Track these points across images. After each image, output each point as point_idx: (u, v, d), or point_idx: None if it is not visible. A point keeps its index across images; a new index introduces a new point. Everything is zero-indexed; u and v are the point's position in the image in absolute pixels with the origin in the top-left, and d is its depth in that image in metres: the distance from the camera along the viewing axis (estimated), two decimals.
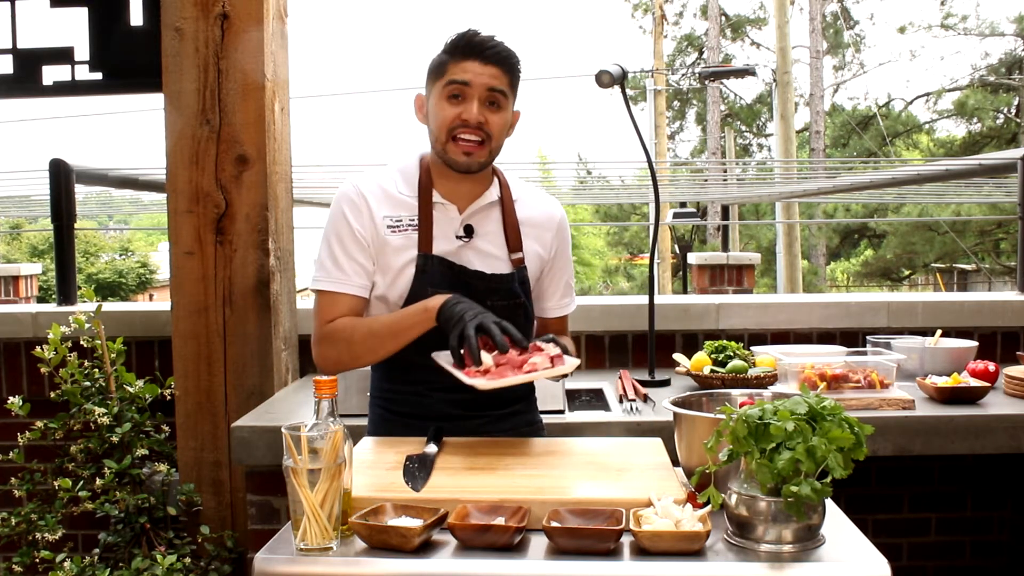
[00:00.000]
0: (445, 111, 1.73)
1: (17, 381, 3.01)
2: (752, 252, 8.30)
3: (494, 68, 1.73)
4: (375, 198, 1.80)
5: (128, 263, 18.92)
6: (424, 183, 1.81)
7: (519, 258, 1.83)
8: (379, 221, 1.78)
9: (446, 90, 1.73)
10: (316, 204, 6.99)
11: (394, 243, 1.77)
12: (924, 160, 10.42)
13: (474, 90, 1.71)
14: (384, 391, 1.89)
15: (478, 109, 1.72)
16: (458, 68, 1.72)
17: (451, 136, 1.73)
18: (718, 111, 20.58)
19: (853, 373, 2.32)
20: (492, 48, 1.72)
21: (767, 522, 1.22)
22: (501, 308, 1.77)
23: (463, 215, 1.80)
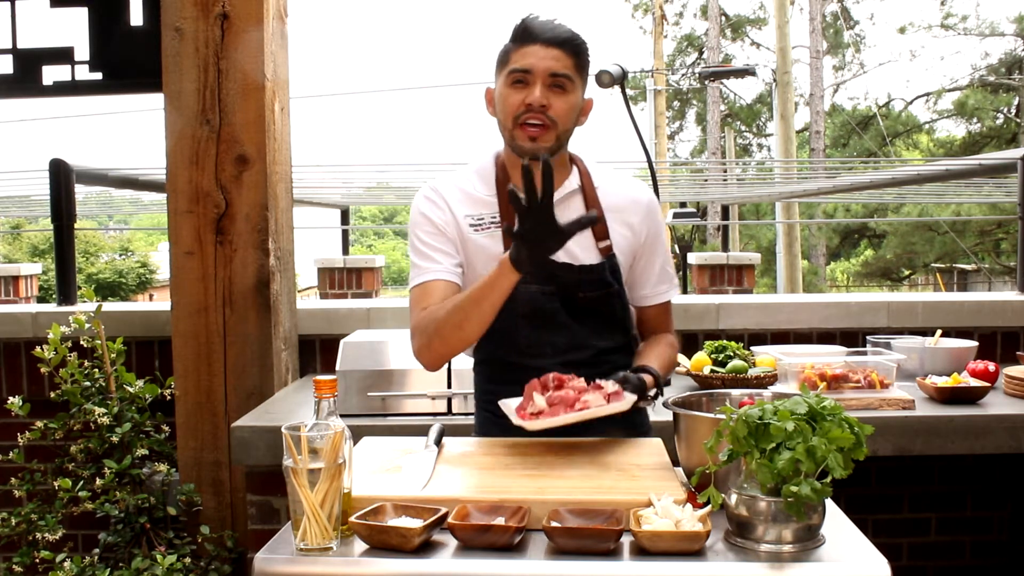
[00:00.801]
0: (510, 98, 1.71)
1: (17, 381, 3.01)
2: (752, 252, 8.30)
3: (556, 50, 1.69)
4: (454, 198, 1.78)
5: (128, 263, 18.92)
6: (501, 179, 1.79)
7: (607, 246, 1.78)
8: (461, 220, 1.77)
9: (509, 77, 1.71)
10: (316, 204, 7.00)
11: (478, 242, 1.76)
12: (924, 160, 10.43)
13: (536, 75, 1.69)
14: (486, 393, 1.86)
15: (541, 92, 1.68)
16: (519, 54, 1.70)
17: (517, 123, 1.70)
18: (718, 111, 20.58)
19: (853, 373, 2.32)
20: (552, 31, 1.70)
21: (767, 522, 1.22)
22: (594, 299, 1.75)
23: None
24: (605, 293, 1.77)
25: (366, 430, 2.07)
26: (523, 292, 1.72)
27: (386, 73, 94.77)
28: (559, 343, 1.76)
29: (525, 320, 1.74)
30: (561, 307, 1.76)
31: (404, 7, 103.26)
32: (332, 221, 7.42)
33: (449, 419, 2.32)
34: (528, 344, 1.75)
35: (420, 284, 1.75)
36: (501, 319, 1.72)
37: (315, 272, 6.88)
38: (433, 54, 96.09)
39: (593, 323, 1.79)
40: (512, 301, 1.71)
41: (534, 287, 1.74)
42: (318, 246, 7.80)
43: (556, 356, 1.75)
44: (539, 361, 1.75)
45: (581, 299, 1.75)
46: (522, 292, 1.72)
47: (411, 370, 2.39)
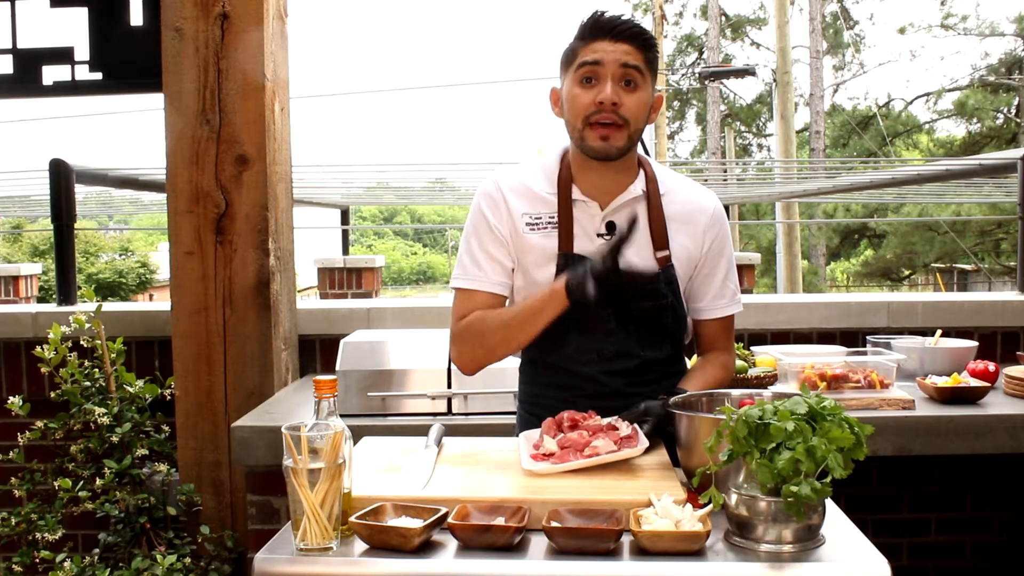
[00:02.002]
0: (579, 97, 1.66)
1: (17, 381, 3.01)
2: (752, 252, 8.30)
3: (626, 44, 1.65)
4: (515, 194, 1.76)
5: (128, 263, 18.91)
6: (564, 179, 1.74)
7: (665, 256, 1.74)
8: (517, 218, 1.74)
9: (578, 74, 1.66)
10: (316, 204, 7.00)
11: (532, 241, 1.73)
12: (924, 160, 10.42)
13: (607, 69, 1.64)
14: (530, 394, 1.86)
15: (612, 89, 1.63)
16: (588, 50, 1.66)
17: (588, 123, 1.66)
18: (718, 111, 20.58)
19: (853, 373, 2.32)
20: (622, 25, 1.66)
21: (767, 522, 1.22)
22: (647, 309, 1.73)
23: (605, 211, 1.72)
24: (659, 304, 1.74)
25: (366, 430, 2.07)
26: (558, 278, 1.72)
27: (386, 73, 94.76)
28: (607, 351, 1.74)
29: (574, 326, 1.72)
30: (612, 315, 1.74)
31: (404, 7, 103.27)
32: (332, 221, 7.42)
33: (449, 419, 2.32)
34: (576, 350, 1.74)
35: (466, 290, 1.75)
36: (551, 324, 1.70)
37: (315, 272, 6.88)
38: (433, 54, 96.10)
39: (643, 332, 1.76)
40: None
41: None
42: (318, 246, 7.79)
43: (602, 363, 1.74)
44: (585, 368, 1.75)
45: (633, 308, 1.73)
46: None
47: (411, 370, 2.39)
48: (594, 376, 1.74)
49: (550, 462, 1.50)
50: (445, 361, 2.40)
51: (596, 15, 1.68)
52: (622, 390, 1.75)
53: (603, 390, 1.75)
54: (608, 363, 1.74)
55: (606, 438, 1.53)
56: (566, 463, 1.49)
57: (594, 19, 1.68)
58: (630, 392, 1.74)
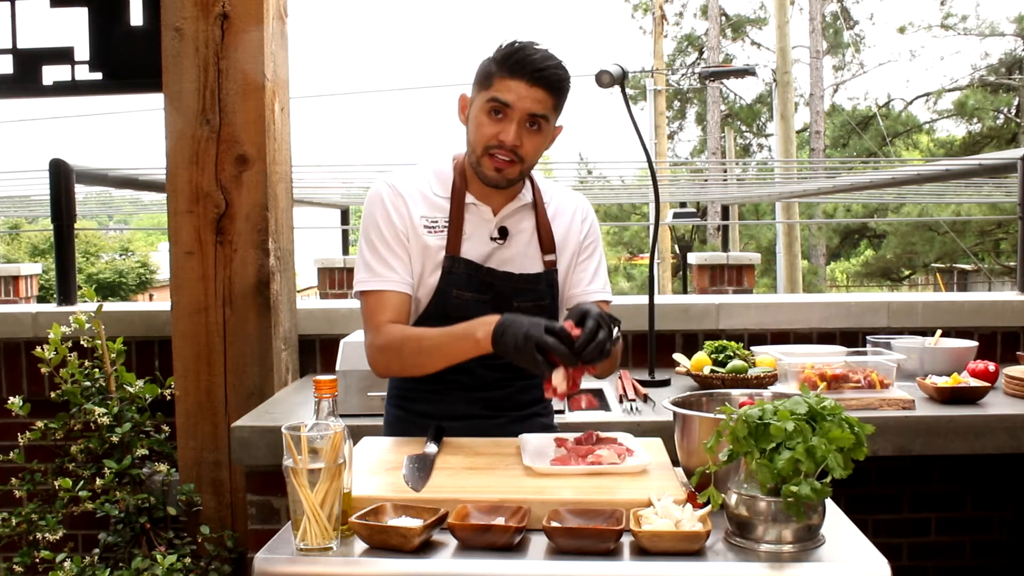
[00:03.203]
0: (484, 127, 1.71)
1: (17, 381, 3.01)
2: (752, 252, 8.30)
3: (540, 91, 1.68)
4: (411, 198, 1.79)
5: (128, 263, 18.91)
6: (458, 186, 1.80)
7: (551, 260, 1.83)
8: (416, 221, 1.77)
9: (488, 105, 1.70)
10: (316, 204, 7.00)
11: (431, 243, 1.76)
12: (924, 160, 10.43)
13: (515, 112, 1.68)
14: (401, 389, 1.88)
15: (515, 133, 1.69)
16: (503, 86, 1.68)
17: (486, 151, 1.72)
18: (718, 111, 20.58)
19: (853, 373, 2.32)
20: (541, 71, 1.67)
21: (767, 522, 1.22)
22: (526, 309, 1.77)
23: (497, 217, 1.80)
24: (538, 304, 1.80)
25: (366, 430, 2.07)
26: (456, 297, 1.76)
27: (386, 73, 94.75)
28: None
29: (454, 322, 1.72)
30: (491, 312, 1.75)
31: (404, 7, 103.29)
32: (332, 221, 7.43)
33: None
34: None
35: (376, 292, 1.76)
36: (430, 323, 1.76)
37: (315, 272, 6.88)
38: (433, 54, 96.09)
39: None
40: (443, 307, 1.76)
41: (468, 294, 1.76)
42: (318, 246, 7.80)
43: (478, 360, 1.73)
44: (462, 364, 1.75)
45: (516, 308, 1.77)
46: (455, 297, 1.75)
47: None
48: (471, 368, 1.76)
49: (551, 463, 1.51)
50: None
51: (520, 52, 1.68)
52: (498, 383, 1.81)
53: (478, 382, 1.79)
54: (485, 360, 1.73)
55: (610, 448, 1.54)
56: (567, 467, 1.49)
57: (516, 56, 1.68)
58: (504, 384, 1.82)
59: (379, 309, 1.75)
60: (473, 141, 1.74)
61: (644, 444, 1.63)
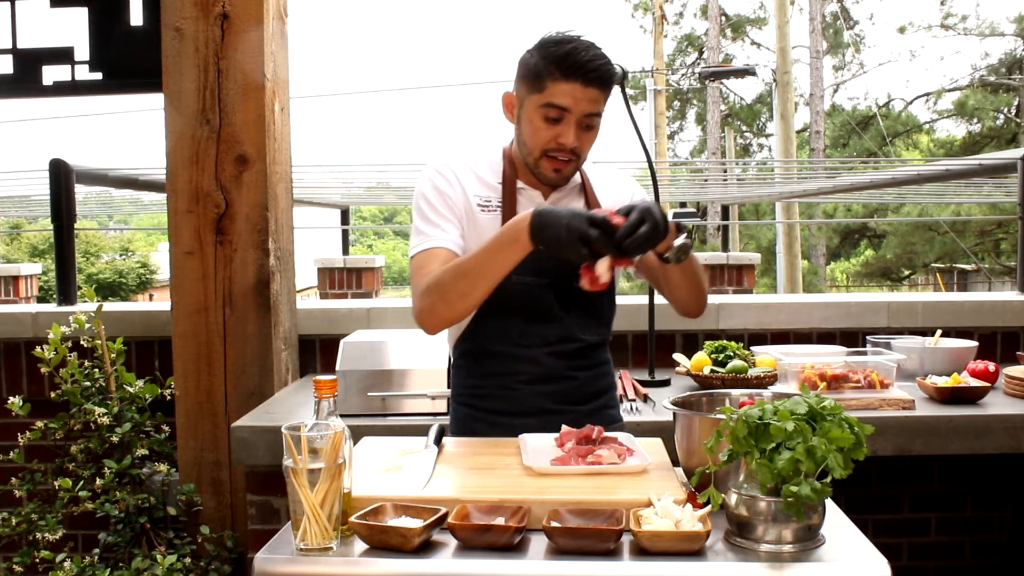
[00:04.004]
0: (541, 132, 1.69)
1: (17, 381, 3.01)
2: (752, 252, 8.30)
3: (594, 90, 1.66)
4: (465, 177, 1.79)
5: (128, 263, 18.91)
6: (508, 174, 1.80)
7: None
8: (470, 197, 1.77)
9: (543, 111, 1.67)
10: (316, 204, 7.00)
11: (483, 221, 1.76)
12: (924, 160, 10.42)
13: (573, 115, 1.67)
14: (468, 387, 1.86)
15: (574, 135, 1.68)
16: (558, 90, 1.65)
17: (544, 154, 1.71)
18: (718, 111, 20.58)
19: (853, 373, 2.32)
20: (595, 71, 1.65)
21: (767, 522, 1.22)
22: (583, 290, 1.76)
23: (548, 200, 1.80)
24: None
25: (366, 430, 2.08)
26: (517, 283, 1.74)
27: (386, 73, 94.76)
28: (549, 335, 1.78)
29: (518, 311, 1.77)
30: (553, 298, 1.78)
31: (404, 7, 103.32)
32: (332, 221, 7.42)
33: (449, 419, 2.32)
34: (520, 334, 1.77)
35: (425, 250, 1.73)
36: (492, 310, 1.75)
37: (315, 272, 6.88)
38: (433, 54, 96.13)
39: (581, 317, 1.82)
40: (505, 292, 1.73)
41: (529, 278, 1.75)
42: (318, 246, 7.80)
43: (545, 347, 1.78)
44: (529, 351, 1.78)
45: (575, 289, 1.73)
46: (516, 283, 1.73)
47: (411, 370, 2.39)
48: (538, 358, 1.76)
49: (551, 462, 1.51)
50: (445, 361, 2.40)
51: (573, 53, 1.64)
52: (563, 373, 1.80)
53: (546, 372, 1.78)
54: (551, 346, 1.77)
55: (610, 448, 1.54)
56: (567, 467, 1.49)
57: (570, 60, 1.64)
58: (570, 375, 1.81)
59: (425, 264, 1.71)
60: (530, 144, 1.72)
61: (644, 444, 1.63)
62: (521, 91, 1.73)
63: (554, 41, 1.68)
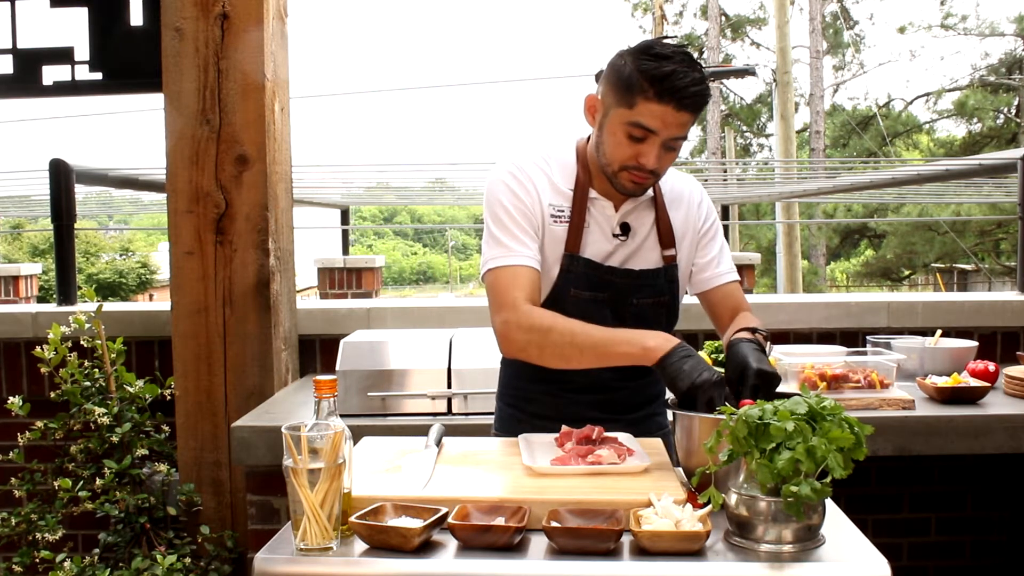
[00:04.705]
0: (623, 147, 1.63)
1: (17, 381, 3.01)
2: (752, 252, 8.30)
3: (687, 115, 1.59)
4: (540, 184, 1.74)
5: (128, 263, 18.91)
6: (581, 180, 1.74)
7: (671, 255, 1.78)
8: (545, 206, 1.73)
9: (629, 128, 1.61)
10: (316, 204, 7.00)
11: (556, 233, 1.72)
12: (924, 160, 10.42)
13: (659, 138, 1.60)
14: (516, 388, 1.85)
15: (655, 157, 1.62)
16: (648, 111, 1.58)
17: (624, 168, 1.65)
18: (718, 111, 20.58)
19: (853, 373, 2.32)
20: (691, 96, 1.57)
21: (767, 522, 1.22)
22: (645, 306, 1.76)
23: (619, 213, 1.75)
24: (657, 301, 1.77)
25: (366, 430, 2.08)
26: (574, 296, 1.72)
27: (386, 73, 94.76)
28: None
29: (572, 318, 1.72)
30: (610, 314, 1.75)
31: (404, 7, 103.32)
32: (332, 221, 7.42)
33: (449, 419, 2.32)
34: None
35: (511, 267, 1.68)
36: None
37: (315, 272, 6.88)
38: (433, 54, 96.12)
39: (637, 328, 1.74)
40: (560, 304, 1.71)
41: (587, 294, 1.73)
42: (318, 246, 7.79)
43: None
44: None
45: (633, 304, 1.75)
46: (572, 296, 1.72)
47: (411, 370, 2.39)
48: (588, 370, 1.72)
49: (551, 462, 1.51)
50: (445, 361, 2.40)
51: (669, 74, 1.56)
52: (612, 384, 1.78)
53: (595, 382, 1.76)
54: None
55: (610, 448, 1.54)
56: (567, 467, 1.49)
57: (667, 82, 1.56)
58: (618, 386, 1.79)
59: (513, 285, 1.66)
60: (610, 156, 1.66)
61: (644, 444, 1.63)
62: (608, 99, 1.65)
63: (653, 54, 1.59)
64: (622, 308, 1.75)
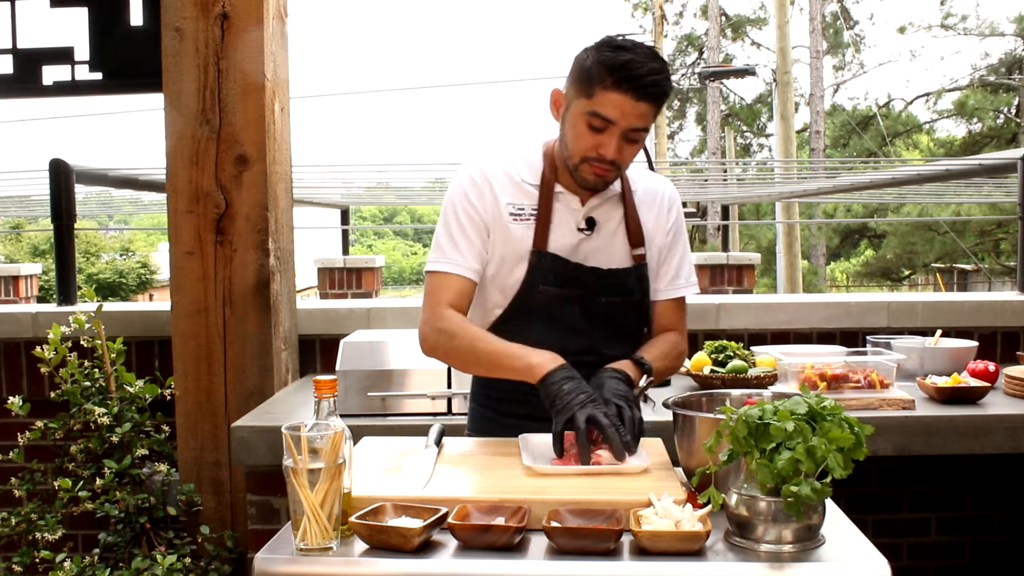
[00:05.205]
0: (583, 138, 1.64)
1: (17, 381, 3.01)
2: (752, 252, 8.30)
3: (645, 105, 1.60)
4: (499, 182, 1.75)
5: (128, 263, 18.90)
6: (547, 176, 1.75)
7: (640, 254, 1.78)
8: (502, 207, 1.74)
9: (588, 118, 1.62)
10: (316, 204, 7.00)
11: (515, 231, 1.73)
12: (924, 160, 10.42)
13: (618, 128, 1.61)
14: (487, 387, 1.86)
15: (615, 147, 1.63)
16: (606, 100, 1.59)
17: (584, 160, 1.66)
18: (718, 111, 20.58)
19: (853, 373, 2.32)
20: (649, 86, 1.58)
21: (767, 522, 1.22)
22: (614, 305, 1.75)
23: (585, 207, 1.75)
24: (625, 300, 1.77)
25: (366, 430, 2.08)
26: (542, 292, 1.72)
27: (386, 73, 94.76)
28: (570, 347, 1.72)
29: (540, 321, 1.74)
30: (579, 311, 1.75)
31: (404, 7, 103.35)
32: (332, 221, 7.42)
33: (449, 419, 2.32)
34: (539, 344, 1.71)
35: (441, 272, 1.74)
36: (516, 318, 1.74)
37: (315, 272, 6.88)
38: (433, 54, 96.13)
39: (606, 329, 1.78)
40: (529, 301, 1.73)
41: (555, 290, 1.73)
42: (318, 246, 7.79)
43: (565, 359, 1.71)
44: None
45: (604, 304, 1.75)
46: (541, 292, 1.72)
47: (411, 370, 2.39)
48: None
49: (552, 462, 1.51)
50: None
51: (627, 63, 1.58)
52: None
53: None
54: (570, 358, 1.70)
55: (610, 449, 1.54)
56: (567, 467, 1.49)
57: (624, 70, 1.57)
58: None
59: (440, 290, 1.73)
60: (571, 148, 1.68)
61: (644, 444, 1.63)
62: (570, 92, 1.67)
63: (612, 45, 1.61)
64: (591, 306, 1.76)
